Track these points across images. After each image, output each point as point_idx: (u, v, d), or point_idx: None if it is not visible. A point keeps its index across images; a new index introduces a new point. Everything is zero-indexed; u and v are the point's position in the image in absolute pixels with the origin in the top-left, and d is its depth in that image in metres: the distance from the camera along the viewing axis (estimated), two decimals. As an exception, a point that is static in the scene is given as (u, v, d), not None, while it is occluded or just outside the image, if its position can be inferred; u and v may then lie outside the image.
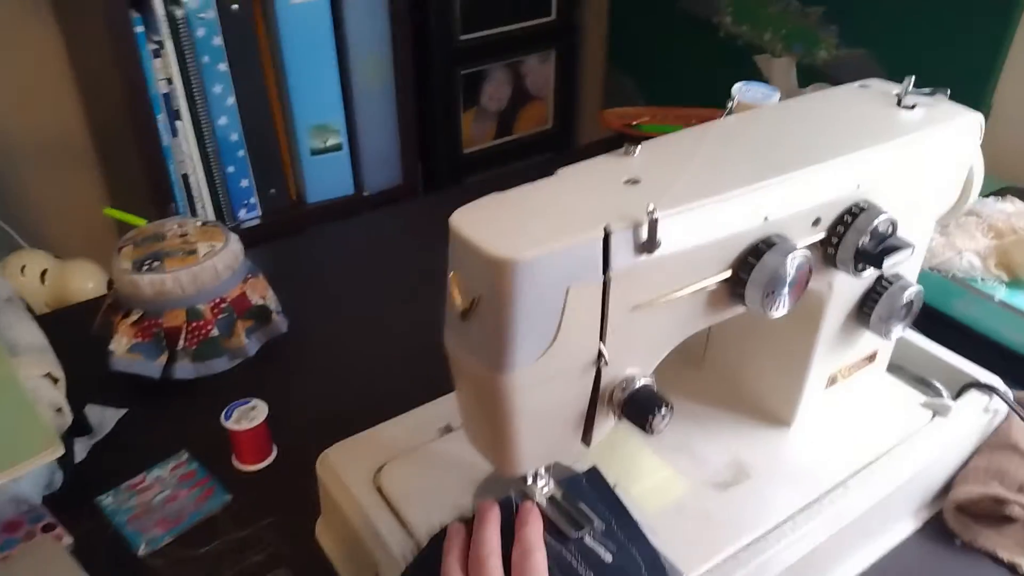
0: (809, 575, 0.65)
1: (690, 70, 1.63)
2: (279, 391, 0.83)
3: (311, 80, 1.43)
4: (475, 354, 0.48)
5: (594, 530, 0.59)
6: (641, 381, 0.52)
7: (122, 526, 0.74)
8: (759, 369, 0.71)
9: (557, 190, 0.49)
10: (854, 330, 0.67)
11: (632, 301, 0.49)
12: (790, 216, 0.52)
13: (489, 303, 0.45)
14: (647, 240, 0.46)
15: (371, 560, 0.61)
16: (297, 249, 1.22)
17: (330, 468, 0.68)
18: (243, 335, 0.89)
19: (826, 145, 0.55)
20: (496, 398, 0.49)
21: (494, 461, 0.55)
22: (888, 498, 0.67)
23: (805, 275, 0.52)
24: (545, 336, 0.47)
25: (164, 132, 1.31)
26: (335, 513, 0.67)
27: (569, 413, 0.52)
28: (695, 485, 0.65)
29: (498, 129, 1.83)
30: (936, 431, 0.71)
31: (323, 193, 1.55)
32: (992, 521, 0.73)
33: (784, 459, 0.67)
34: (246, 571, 0.70)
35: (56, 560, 0.64)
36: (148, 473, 0.79)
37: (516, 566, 0.53)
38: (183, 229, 0.91)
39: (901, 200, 0.57)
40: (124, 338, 0.86)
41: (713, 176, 0.51)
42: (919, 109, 0.60)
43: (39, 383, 0.69)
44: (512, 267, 0.43)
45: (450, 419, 0.71)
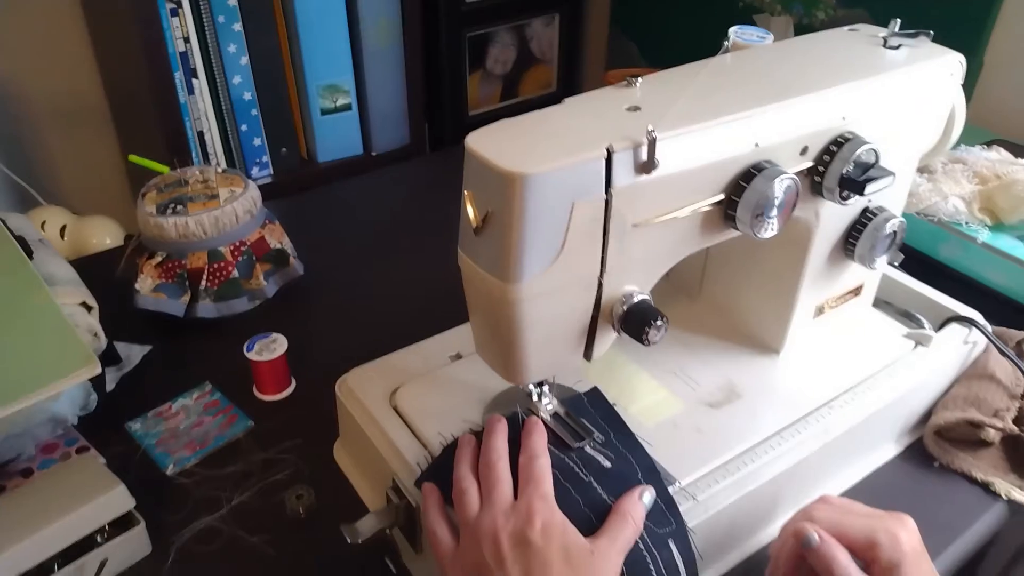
0: (796, 489, 0.69)
1: (691, 33, 1.66)
2: (296, 331, 0.87)
3: (322, 40, 1.46)
4: (487, 267, 0.52)
5: (594, 441, 0.63)
6: (639, 297, 0.57)
7: (151, 449, 0.79)
8: (751, 300, 0.75)
9: (564, 116, 0.53)
10: (840, 262, 0.71)
11: (632, 219, 0.53)
12: (779, 143, 0.56)
13: (500, 217, 0.49)
14: (646, 160, 0.50)
15: (387, 472, 0.66)
16: (310, 203, 1.26)
17: (349, 390, 0.72)
18: (261, 277, 0.94)
19: (814, 79, 0.59)
20: (505, 309, 0.53)
21: (503, 372, 0.60)
22: (871, 419, 0.71)
23: (792, 198, 0.56)
24: (551, 249, 0.51)
25: (180, 90, 1.35)
26: (353, 432, 0.72)
27: (573, 326, 0.57)
28: (689, 404, 0.70)
29: (503, 92, 1.86)
30: (918, 360, 0.75)
31: (333, 153, 1.58)
32: (968, 446, 0.77)
33: (773, 382, 0.72)
34: (269, 488, 0.75)
35: (95, 473, 0.69)
36: (174, 402, 0.84)
37: (523, 469, 0.58)
38: (204, 175, 0.95)
39: (884, 132, 0.61)
40: (149, 278, 0.90)
41: (708, 104, 0.55)
42: (903, 49, 0.64)
43: (75, 310, 0.73)
44: (522, 181, 0.47)
45: (460, 348, 0.76)
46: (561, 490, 0.58)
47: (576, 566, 0.52)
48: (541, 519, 0.54)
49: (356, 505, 0.73)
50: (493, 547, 0.53)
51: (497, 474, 0.58)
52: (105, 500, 0.66)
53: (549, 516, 0.54)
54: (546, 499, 0.55)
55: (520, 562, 0.52)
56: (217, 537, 0.70)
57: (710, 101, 0.55)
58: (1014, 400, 0.78)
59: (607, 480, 0.60)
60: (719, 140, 0.54)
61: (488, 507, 0.56)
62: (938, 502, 0.74)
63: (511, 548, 0.53)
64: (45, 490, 0.67)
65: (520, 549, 0.52)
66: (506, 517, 0.54)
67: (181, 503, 0.73)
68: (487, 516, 0.55)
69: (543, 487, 0.56)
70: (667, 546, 0.58)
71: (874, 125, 0.61)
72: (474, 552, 0.54)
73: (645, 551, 0.57)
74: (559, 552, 0.52)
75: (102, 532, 0.67)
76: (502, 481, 0.57)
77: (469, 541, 0.55)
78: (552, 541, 0.53)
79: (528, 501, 0.55)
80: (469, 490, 0.58)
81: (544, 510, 0.54)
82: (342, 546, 0.63)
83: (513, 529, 0.53)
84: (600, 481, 0.60)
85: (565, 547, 0.53)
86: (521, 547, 0.52)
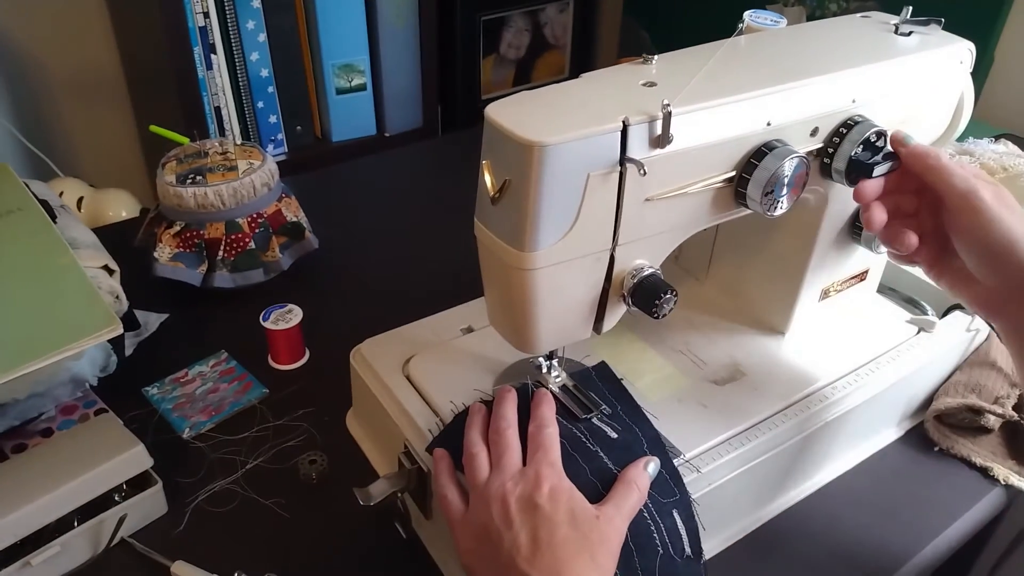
0: (798, 466, 0.71)
1: (704, 22, 1.66)
2: (310, 303, 0.89)
3: (339, 20, 1.48)
4: (503, 236, 0.54)
5: (601, 413, 0.65)
6: (649, 270, 0.58)
7: (167, 413, 0.80)
8: (758, 282, 0.77)
9: (582, 89, 0.54)
10: (847, 246, 0.72)
11: (645, 193, 0.54)
12: (790, 123, 0.57)
13: (517, 186, 0.51)
14: (661, 134, 0.51)
15: (399, 438, 0.68)
16: (325, 180, 1.28)
17: (363, 359, 0.74)
18: (277, 249, 0.95)
19: (826, 62, 0.60)
20: (519, 278, 0.55)
21: (514, 341, 0.61)
22: (872, 402, 0.72)
23: (802, 177, 0.57)
24: (566, 219, 0.53)
25: (199, 65, 1.37)
26: (366, 400, 0.74)
27: (584, 297, 0.58)
28: (694, 381, 0.71)
29: (516, 76, 1.87)
30: (920, 345, 0.76)
31: (347, 132, 1.60)
32: (968, 431, 0.79)
33: (778, 362, 0.73)
34: (282, 454, 0.76)
35: (115, 432, 0.70)
36: (190, 369, 0.86)
37: (532, 438, 0.60)
38: (224, 147, 0.97)
39: (893, 117, 0.62)
40: (167, 247, 0.92)
41: (722, 83, 0.56)
42: (914, 36, 0.65)
43: (98, 273, 0.75)
44: (540, 150, 0.49)
45: (471, 321, 0.77)
46: (569, 459, 0.60)
47: (582, 529, 0.54)
48: (549, 484, 0.55)
49: (367, 472, 0.75)
50: (502, 509, 0.55)
51: (507, 441, 0.60)
52: (124, 459, 0.68)
53: (557, 482, 0.56)
54: (554, 466, 0.57)
55: (528, 524, 0.54)
56: (232, 499, 0.72)
57: (724, 80, 0.56)
58: (1014, 388, 0.79)
59: (613, 451, 0.62)
60: (732, 118, 0.55)
61: (498, 472, 0.57)
62: (937, 486, 0.75)
63: (519, 511, 0.54)
64: (66, 448, 0.69)
65: (528, 512, 0.54)
66: (515, 482, 0.56)
67: (196, 466, 0.75)
68: (496, 480, 0.57)
69: (551, 455, 0.58)
70: (671, 515, 0.60)
71: (884, 109, 0.62)
72: (483, 514, 0.56)
73: (649, 519, 0.59)
74: (566, 515, 0.54)
75: (120, 491, 0.69)
76: (511, 448, 0.59)
77: (478, 504, 0.57)
78: (559, 505, 0.54)
79: (537, 467, 0.57)
80: (479, 455, 0.60)
81: (552, 476, 0.56)
82: (353, 511, 0.65)
83: (521, 493, 0.55)
84: (607, 451, 0.61)
85: (571, 511, 0.54)
86: (529, 510, 0.54)
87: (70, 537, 0.65)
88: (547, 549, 0.52)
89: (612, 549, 0.54)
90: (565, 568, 0.51)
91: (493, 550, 0.54)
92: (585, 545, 0.53)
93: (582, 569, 0.52)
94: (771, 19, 0.71)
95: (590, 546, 0.53)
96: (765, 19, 0.71)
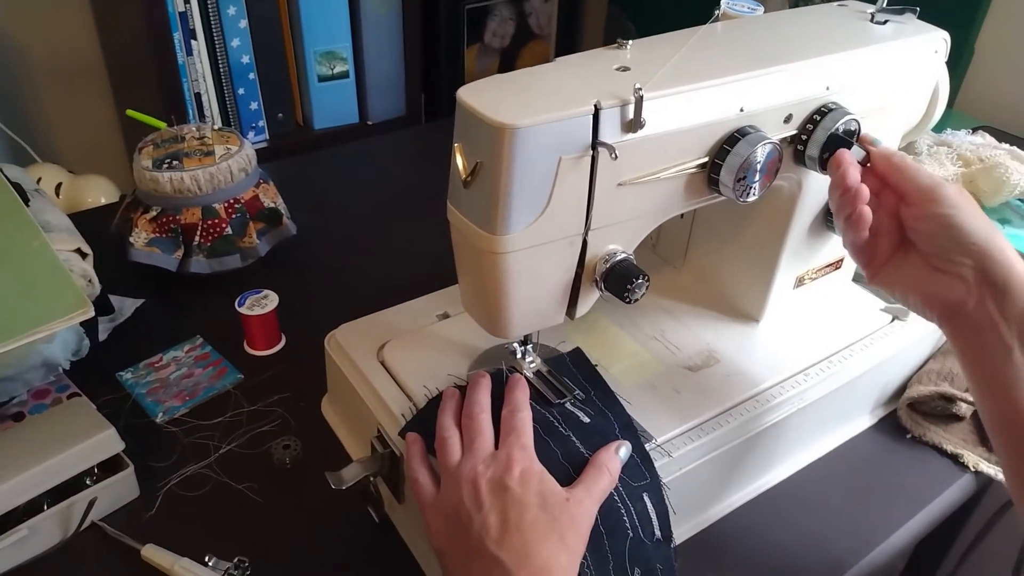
0: (769, 452, 0.71)
1: (688, 13, 1.66)
2: (287, 290, 0.89)
3: (321, 6, 1.47)
4: (475, 219, 0.54)
5: (575, 398, 0.65)
6: (621, 255, 0.58)
7: (141, 398, 0.80)
8: (733, 270, 0.77)
9: (555, 73, 0.54)
10: (821, 234, 0.73)
11: (617, 177, 0.54)
12: (764, 110, 0.58)
13: (489, 168, 0.51)
14: (633, 118, 0.51)
15: (372, 423, 0.67)
16: (305, 167, 1.27)
17: (338, 344, 0.74)
18: (255, 235, 0.95)
19: (800, 49, 0.60)
20: (491, 262, 0.55)
21: (488, 326, 0.61)
22: (845, 388, 0.73)
23: (775, 164, 0.58)
24: (538, 203, 0.53)
25: (179, 51, 1.35)
26: (340, 385, 0.74)
27: (557, 282, 0.58)
28: (668, 367, 0.71)
29: (500, 66, 1.86)
30: (894, 333, 0.77)
31: (329, 120, 1.59)
32: (940, 419, 0.80)
33: (752, 349, 0.74)
34: (256, 438, 0.76)
35: (86, 416, 0.70)
36: (165, 354, 0.86)
37: (504, 421, 0.60)
38: (201, 132, 0.96)
39: (868, 105, 0.63)
40: (143, 232, 0.91)
41: (696, 68, 0.56)
42: (889, 25, 0.66)
43: (70, 256, 0.75)
44: (511, 133, 0.49)
45: (447, 307, 0.77)
46: (541, 443, 0.60)
47: (552, 511, 0.54)
48: (520, 467, 0.55)
49: (341, 457, 0.74)
50: (472, 491, 0.55)
51: (479, 425, 0.60)
52: (95, 442, 0.67)
53: (528, 465, 0.56)
54: (525, 449, 0.57)
55: (498, 506, 0.54)
56: (205, 483, 0.72)
57: (698, 65, 0.56)
58: (986, 376, 0.80)
59: (585, 435, 0.62)
60: (705, 103, 0.55)
61: (469, 455, 0.58)
62: (909, 472, 0.76)
63: (489, 493, 0.54)
64: (37, 431, 0.69)
65: (498, 494, 0.54)
66: (486, 465, 0.56)
67: (170, 450, 0.75)
68: (468, 463, 0.57)
69: (523, 438, 0.58)
70: (641, 499, 0.60)
71: (858, 97, 0.62)
72: (454, 496, 0.56)
73: (619, 502, 0.59)
74: (536, 497, 0.54)
75: (91, 474, 0.69)
76: (483, 432, 0.59)
77: (449, 486, 0.57)
78: (529, 487, 0.54)
79: (508, 451, 0.57)
80: (451, 439, 0.60)
81: (523, 459, 0.56)
82: (326, 495, 0.65)
83: (492, 475, 0.55)
84: (579, 435, 0.62)
85: (541, 493, 0.54)
86: (499, 492, 0.54)
87: (39, 520, 0.65)
88: (516, 531, 0.52)
89: (582, 531, 0.55)
90: (534, 549, 0.52)
91: (463, 532, 0.54)
92: (554, 527, 0.53)
93: (551, 550, 0.52)
94: (748, 6, 0.71)
95: (559, 528, 0.53)
96: (742, 6, 0.71)
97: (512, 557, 0.51)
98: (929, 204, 0.56)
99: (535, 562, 0.51)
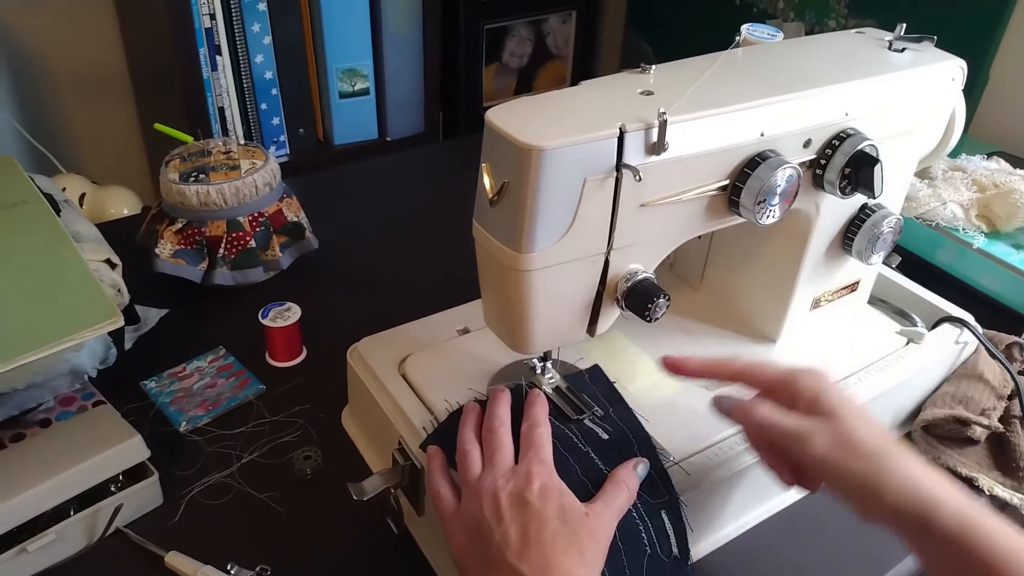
0: (784, 472, 0.72)
1: (705, 36, 1.68)
2: (309, 303, 0.90)
3: (344, 24, 1.49)
4: (500, 238, 0.55)
5: (594, 415, 0.66)
6: (643, 275, 0.59)
7: (165, 407, 0.81)
8: (750, 290, 0.78)
9: (580, 96, 0.56)
10: (838, 257, 0.74)
11: (640, 198, 0.56)
12: (784, 134, 0.59)
13: (515, 188, 0.52)
14: (657, 141, 0.53)
15: (393, 435, 0.68)
16: (326, 182, 1.29)
17: (360, 357, 0.75)
18: (278, 248, 0.96)
19: (820, 75, 0.62)
20: (516, 279, 0.56)
21: (509, 341, 0.62)
22: (860, 410, 0.73)
23: (794, 187, 0.59)
24: (563, 223, 0.54)
25: (204, 66, 1.38)
26: (361, 397, 0.75)
27: (579, 299, 0.59)
28: (686, 386, 0.72)
29: (518, 85, 1.88)
30: (909, 355, 0.78)
31: (349, 136, 1.61)
32: (955, 442, 0.80)
33: (768, 370, 0.74)
34: (278, 449, 0.77)
35: (113, 423, 0.71)
36: (188, 364, 0.87)
37: (524, 436, 0.61)
38: (227, 147, 0.98)
39: (886, 130, 0.64)
40: (169, 244, 0.93)
41: (718, 93, 0.57)
42: (907, 53, 0.67)
43: (100, 266, 0.76)
44: (538, 154, 0.50)
45: (467, 323, 0.78)
46: (561, 459, 0.61)
47: (571, 525, 0.55)
48: (540, 481, 0.56)
49: (361, 469, 0.75)
50: (493, 505, 0.56)
51: (499, 439, 0.61)
52: (121, 449, 0.69)
53: (547, 479, 0.57)
54: (545, 464, 0.58)
55: (518, 520, 0.55)
56: (226, 492, 0.73)
57: (720, 91, 0.58)
58: (1001, 400, 0.80)
59: (605, 452, 0.63)
60: (726, 128, 0.56)
61: (490, 469, 0.59)
62: (922, 494, 0.76)
63: (510, 507, 0.55)
64: (63, 438, 0.70)
65: (518, 508, 0.55)
66: (506, 479, 0.57)
67: (192, 459, 0.76)
68: (488, 477, 0.58)
69: (542, 453, 0.59)
70: (659, 516, 0.61)
71: (876, 123, 0.63)
72: (475, 510, 0.57)
73: (638, 519, 0.60)
74: (555, 511, 0.55)
75: (116, 481, 0.70)
76: (504, 446, 0.60)
77: (470, 500, 0.58)
78: (549, 501, 0.55)
79: (528, 465, 0.58)
80: (472, 453, 0.61)
81: (543, 473, 0.57)
82: (346, 506, 0.66)
83: (512, 489, 0.56)
84: (598, 452, 0.63)
85: (561, 507, 0.55)
86: (519, 506, 0.55)
87: (66, 525, 0.66)
88: (536, 544, 0.53)
89: (600, 546, 0.55)
90: (553, 563, 0.52)
91: (483, 545, 0.55)
92: (574, 541, 0.54)
93: (570, 564, 0.53)
94: (768, 32, 0.73)
95: (579, 542, 0.54)
96: (762, 32, 0.73)
97: (532, 570, 0.52)
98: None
99: (555, 574, 0.52)
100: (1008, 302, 0.91)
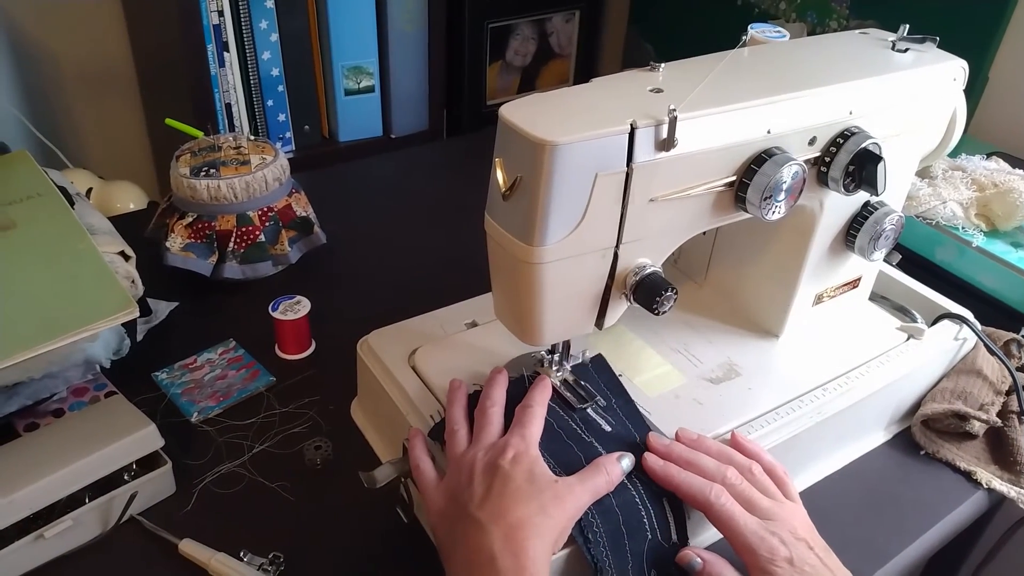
0: (788, 465, 0.73)
1: (707, 36, 1.69)
2: (317, 297, 0.91)
3: (350, 22, 1.50)
4: (512, 231, 0.56)
5: (597, 405, 0.67)
6: (651, 269, 0.60)
7: (176, 397, 0.82)
8: (754, 286, 0.79)
9: (592, 93, 0.57)
10: (840, 253, 0.75)
11: (649, 194, 0.57)
12: (790, 132, 0.60)
13: (528, 183, 0.53)
14: (666, 138, 0.54)
15: (403, 425, 0.70)
16: (334, 178, 1.30)
17: (370, 349, 0.76)
18: (286, 243, 0.98)
19: (825, 74, 0.63)
20: (527, 271, 0.57)
21: (519, 333, 0.63)
22: (861, 404, 0.75)
23: (799, 184, 0.60)
24: (573, 217, 0.55)
25: (212, 62, 1.39)
26: (371, 389, 0.76)
27: (588, 292, 0.61)
28: (690, 379, 0.74)
29: (521, 84, 1.89)
30: (909, 351, 0.79)
31: (354, 133, 1.62)
32: (953, 437, 0.81)
33: (771, 364, 0.76)
34: (288, 439, 0.79)
35: (126, 413, 0.72)
36: (199, 356, 0.88)
37: (516, 415, 0.63)
38: (237, 142, 0.99)
39: (888, 129, 0.65)
40: (179, 237, 0.94)
41: (726, 91, 0.58)
42: (910, 53, 0.68)
43: (114, 258, 0.77)
44: (551, 149, 0.51)
45: (476, 316, 0.80)
46: (564, 446, 0.62)
47: (537, 484, 0.57)
48: (514, 451, 0.59)
49: (370, 459, 0.77)
50: (469, 472, 0.58)
51: (488, 418, 0.63)
52: (136, 438, 0.70)
53: (523, 449, 0.59)
54: (525, 439, 0.60)
55: (486, 480, 0.57)
56: (238, 481, 0.74)
57: (727, 89, 0.59)
58: (999, 396, 0.82)
59: (607, 442, 0.64)
60: (734, 125, 0.58)
61: (474, 445, 0.61)
62: (922, 488, 0.78)
63: (481, 471, 0.58)
64: (78, 427, 0.71)
65: (489, 471, 0.58)
66: (485, 451, 0.59)
67: (204, 449, 0.77)
68: (470, 451, 0.60)
69: (527, 429, 0.61)
70: (660, 503, 0.62)
71: (879, 122, 0.65)
72: (452, 478, 0.59)
73: (640, 505, 0.61)
74: (524, 474, 0.57)
75: (129, 470, 0.71)
76: (492, 424, 0.62)
77: (451, 472, 0.61)
78: (519, 466, 0.58)
79: (508, 439, 0.60)
80: (459, 432, 0.63)
81: (519, 444, 0.59)
82: (356, 495, 0.67)
83: (488, 458, 0.59)
84: (601, 442, 0.64)
85: (531, 471, 0.58)
86: (490, 469, 0.58)
87: (81, 512, 0.67)
88: (497, 497, 0.55)
89: (566, 508, 0.57)
90: (510, 511, 0.54)
91: (456, 507, 0.57)
92: (536, 497, 0.56)
93: (527, 512, 0.55)
94: (774, 32, 0.74)
95: (541, 499, 0.56)
96: (768, 32, 0.74)
97: (487, 516, 0.55)
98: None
99: (508, 519, 0.54)
100: (1006, 299, 0.92)
